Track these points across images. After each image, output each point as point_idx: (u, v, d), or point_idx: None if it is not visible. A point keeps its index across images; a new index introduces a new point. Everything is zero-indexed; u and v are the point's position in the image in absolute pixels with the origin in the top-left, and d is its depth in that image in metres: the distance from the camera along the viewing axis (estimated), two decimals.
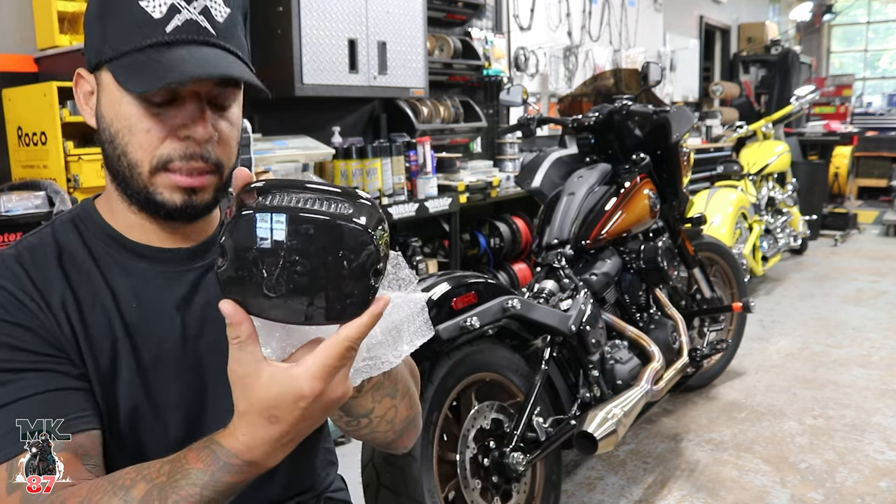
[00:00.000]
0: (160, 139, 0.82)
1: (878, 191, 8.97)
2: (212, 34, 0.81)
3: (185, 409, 0.89)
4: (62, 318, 0.83)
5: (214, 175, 0.86)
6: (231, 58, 0.82)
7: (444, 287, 1.79)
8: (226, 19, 0.83)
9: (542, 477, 2.02)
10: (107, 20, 0.81)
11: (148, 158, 0.82)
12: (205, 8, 0.81)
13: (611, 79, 3.08)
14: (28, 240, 0.89)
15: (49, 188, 2.01)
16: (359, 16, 3.07)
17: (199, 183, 0.84)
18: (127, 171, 0.84)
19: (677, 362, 2.48)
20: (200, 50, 0.80)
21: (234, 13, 0.84)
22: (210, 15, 0.81)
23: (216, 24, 0.81)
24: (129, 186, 0.85)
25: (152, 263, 0.89)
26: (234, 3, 0.84)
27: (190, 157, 0.82)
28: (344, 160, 3.01)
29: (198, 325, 0.90)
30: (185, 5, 0.79)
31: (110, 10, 0.80)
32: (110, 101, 0.83)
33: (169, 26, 0.79)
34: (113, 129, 0.83)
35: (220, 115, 0.85)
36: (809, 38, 11.42)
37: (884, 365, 3.47)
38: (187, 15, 0.79)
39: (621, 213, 2.47)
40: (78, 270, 0.86)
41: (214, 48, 0.81)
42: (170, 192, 0.84)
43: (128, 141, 0.82)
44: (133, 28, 0.79)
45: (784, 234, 5.10)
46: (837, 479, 2.42)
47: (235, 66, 0.81)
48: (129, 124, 0.81)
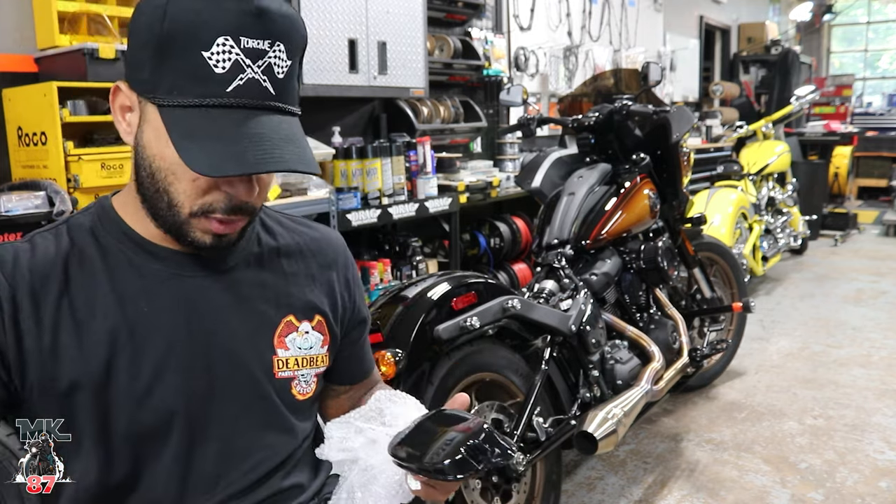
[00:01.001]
0: (205, 190, 0.82)
1: (878, 191, 8.97)
2: (271, 95, 0.79)
3: (191, 413, 0.88)
4: (46, 324, 0.82)
5: (248, 219, 0.87)
6: (288, 125, 0.81)
7: (444, 287, 1.79)
8: (285, 74, 0.80)
9: (542, 477, 2.02)
10: (162, 57, 0.77)
11: (190, 203, 0.82)
12: (268, 66, 0.78)
13: (611, 79, 3.08)
14: (43, 235, 0.88)
15: (49, 188, 2.01)
16: (359, 16, 3.07)
17: (232, 229, 0.86)
18: (165, 206, 0.83)
19: (677, 362, 2.48)
20: (259, 122, 0.78)
21: (293, 63, 0.82)
22: (272, 73, 0.79)
23: (276, 81, 0.79)
24: (161, 217, 0.85)
25: (167, 265, 0.89)
26: (294, 52, 0.81)
27: (232, 211, 0.83)
28: (344, 160, 3.01)
29: (208, 329, 0.90)
30: (251, 64, 0.77)
31: (170, 49, 0.77)
32: (156, 140, 0.80)
33: (230, 87, 0.76)
34: (155, 165, 0.82)
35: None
36: (809, 38, 11.41)
37: (884, 365, 3.47)
38: (250, 74, 0.77)
39: (621, 213, 2.47)
40: (82, 273, 0.86)
41: (272, 113, 0.79)
42: (203, 233, 0.84)
43: (171, 181, 0.81)
44: (192, 78, 0.76)
45: (784, 234, 5.10)
46: (837, 479, 2.42)
47: (290, 147, 0.79)
48: (175, 169, 0.80)
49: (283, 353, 0.95)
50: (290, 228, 1.04)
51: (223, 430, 0.91)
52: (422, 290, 1.78)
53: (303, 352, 0.97)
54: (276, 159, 0.77)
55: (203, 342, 0.89)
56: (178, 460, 0.88)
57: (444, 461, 0.76)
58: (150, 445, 0.87)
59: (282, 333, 0.96)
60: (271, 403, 0.94)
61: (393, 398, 0.91)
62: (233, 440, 0.92)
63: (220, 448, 0.91)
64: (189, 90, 0.76)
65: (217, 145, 0.75)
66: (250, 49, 0.76)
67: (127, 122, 0.85)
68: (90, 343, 0.83)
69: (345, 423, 0.91)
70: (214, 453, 0.90)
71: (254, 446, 0.94)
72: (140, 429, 0.86)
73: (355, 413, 0.91)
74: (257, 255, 0.97)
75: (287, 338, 0.96)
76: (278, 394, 0.95)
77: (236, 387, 0.91)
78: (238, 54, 0.76)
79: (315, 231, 1.07)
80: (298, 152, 0.79)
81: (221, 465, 0.91)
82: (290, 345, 0.96)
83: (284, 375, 0.95)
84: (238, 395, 0.92)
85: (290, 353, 0.96)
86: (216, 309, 0.90)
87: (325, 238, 1.07)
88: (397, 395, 0.95)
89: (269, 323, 0.95)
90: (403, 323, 1.70)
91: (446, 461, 0.76)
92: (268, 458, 0.95)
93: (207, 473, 0.90)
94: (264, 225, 1.01)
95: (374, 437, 0.87)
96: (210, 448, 0.90)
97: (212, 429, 0.90)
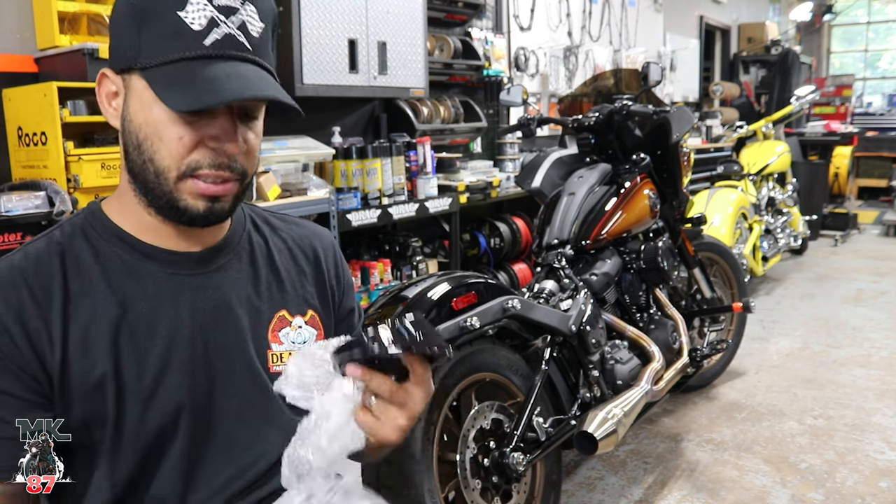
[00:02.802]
0: (190, 147, 0.82)
1: (878, 191, 8.97)
2: (248, 49, 0.82)
3: (196, 410, 0.89)
4: (56, 335, 0.83)
5: (237, 183, 0.87)
6: (266, 76, 0.83)
7: (444, 287, 1.79)
8: (260, 34, 0.84)
9: (543, 477, 2.02)
10: (141, 26, 0.80)
11: (176, 165, 0.83)
12: (242, 23, 0.82)
13: (611, 79, 3.08)
14: (35, 245, 0.88)
15: (49, 188, 2.01)
16: (359, 16, 3.07)
17: (224, 191, 0.85)
18: (152, 177, 0.84)
19: (677, 362, 2.48)
20: (238, 67, 0.81)
21: (267, 28, 0.85)
22: (247, 30, 0.82)
23: (252, 39, 0.82)
24: (151, 191, 0.85)
25: (162, 265, 0.89)
26: (267, 19, 0.85)
27: (219, 167, 0.84)
28: (344, 160, 3.01)
29: (207, 328, 0.90)
30: (224, 19, 0.80)
31: (146, 17, 0.80)
32: (140, 107, 0.82)
33: (208, 40, 0.79)
34: (141, 134, 0.83)
35: (248, 125, 0.86)
36: (809, 38, 11.42)
37: (884, 365, 3.47)
38: (226, 29, 0.80)
39: (621, 213, 2.47)
40: (80, 278, 0.86)
41: (250, 64, 0.82)
42: (193, 198, 0.84)
43: (157, 148, 0.82)
44: (171, 38, 0.79)
45: (784, 234, 5.10)
46: (837, 480, 2.41)
47: (272, 87, 0.82)
48: (159, 131, 0.82)
49: (277, 347, 0.96)
50: (278, 226, 1.05)
51: (227, 425, 0.92)
52: (422, 290, 1.78)
53: (296, 346, 0.98)
54: (255, 88, 0.80)
55: (201, 339, 0.90)
56: (184, 457, 0.89)
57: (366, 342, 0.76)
58: (157, 444, 0.87)
59: (275, 328, 0.97)
60: (270, 398, 0.94)
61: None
62: (236, 436, 0.92)
63: (224, 445, 0.92)
64: (169, 47, 0.79)
65: (196, 86, 0.78)
66: (223, 6, 0.80)
67: (114, 107, 0.87)
68: (95, 348, 0.84)
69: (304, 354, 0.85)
70: (218, 450, 0.91)
71: (256, 443, 0.94)
72: (148, 428, 0.86)
73: (320, 342, 0.86)
74: (248, 253, 0.98)
75: (280, 332, 0.97)
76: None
77: (236, 382, 0.92)
78: (212, 11, 0.79)
79: (303, 228, 1.08)
80: (277, 90, 0.82)
81: (225, 462, 0.92)
82: (284, 339, 0.97)
83: (280, 370, 0.95)
84: (239, 391, 0.93)
85: (284, 347, 0.97)
86: (211, 306, 0.91)
87: (314, 234, 1.08)
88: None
89: (262, 318, 0.96)
90: None
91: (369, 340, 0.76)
92: (269, 455, 0.95)
93: (212, 471, 0.91)
94: (254, 223, 1.02)
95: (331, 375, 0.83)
96: (214, 445, 0.91)
97: (216, 425, 0.91)
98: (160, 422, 0.87)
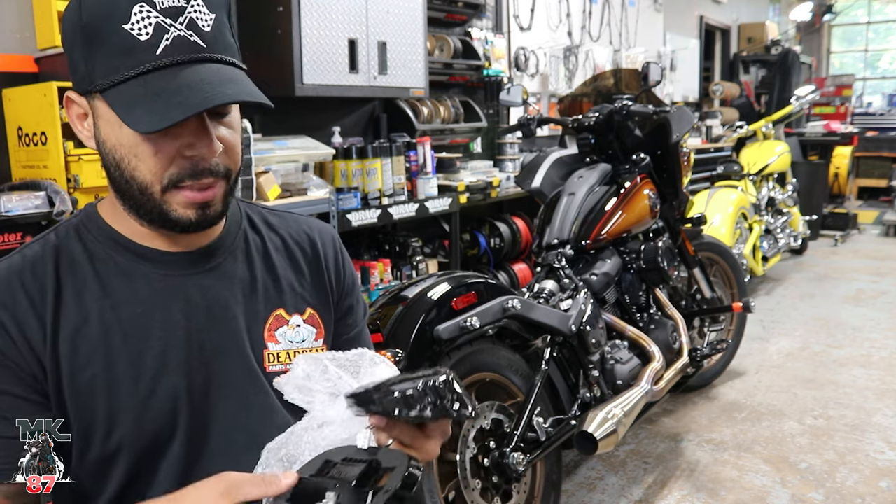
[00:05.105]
0: (168, 160, 0.81)
1: (878, 191, 8.97)
2: (202, 47, 0.79)
3: (193, 411, 0.89)
4: (48, 333, 0.83)
5: (223, 183, 0.86)
6: (228, 71, 0.81)
7: (444, 287, 1.79)
8: (212, 26, 0.81)
9: (543, 477, 2.02)
10: (91, 46, 0.79)
11: (158, 179, 0.82)
12: (190, 21, 0.78)
13: (611, 79, 3.08)
14: (32, 247, 0.88)
15: (49, 188, 2.01)
16: (359, 16, 3.06)
17: (211, 196, 0.85)
18: (138, 194, 0.83)
19: (677, 362, 2.48)
20: (197, 71, 0.78)
21: (219, 15, 0.82)
22: (197, 27, 0.79)
23: (204, 34, 0.79)
24: (142, 206, 0.84)
25: (156, 266, 0.89)
26: (216, 5, 0.82)
27: (200, 174, 0.82)
28: (344, 160, 3.01)
29: (202, 329, 0.90)
30: (172, 22, 0.77)
31: (94, 37, 0.78)
32: (110, 128, 0.81)
33: (158, 49, 0.77)
34: (117, 154, 0.82)
35: (221, 122, 0.84)
36: (809, 38, 11.42)
37: (884, 365, 3.47)
38: (175, 32, 0.77)
39: (621, 213, 2.47)
40: (74, 279, 0.86)
41: (208, 63, 0.80)
42: (183, 208, 0.84)
43: (135, 165, 0.81)
44: (122, 54, 0.77)
45: (784, 234, 5.10)
46: (837, 479, 2.41)
47: (235, 85, 0.79)
48: (134, 149, 0.81)
49: (273, 346, 0.95)
50: (276, 224, 1.03)
51: (224, 426, 0.91)
52: (422, 290, 1.78)
53: (295, 345, 0.96)
54: (220, 94, 0.77)
55: (197, 340, 0.89)
56: (181, 459, 0.88)
57: (393, 395, 0.73)
58: (154, 446, 0.87)
59: (271, 327, 0.96)
60: (267, 398, 0.94)
61: (374, 359, 0.87)
62: (233, 437, 0.92)
63: (222, 446, 0.91)
64: (122, 65, 0.77)
65: (158, 103, 0.76)
66: (167, 8, 0.77)
67: (86, 128, 0.86)
68: (85, 349, 0.84)
69: (315, 360, 0.85)
70: (216, 451, 0.91)
71: (253, 444, 0.94)
72: (145, 430, 0.86)
73: (331, 354, 0.86)
74: (244, 252, 0.97)
75: (277, 331, 0.96)
76: (272, 388, 0.95)
77: (233, 382, 0.91)
78: (157, 16, 0.77)
79: (303, 223, 1.06)
80: (242, 88, 0.80)
81: (223, 464, 0.91)
82: (281, 338, 0.96)
83: (276, 369, 0.95)
84: (236, 392, 0.92)
85: (280, 346, 0.96)
86: (207, 306, 0.90)
87: (314, 229, 1.06)
88: (380, 359, 0.91)
89: (258, 317, 0.95)
90: (403, 323, 1.70)
91: (395, 394, 0.73)
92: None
93: (209, 472, 0.90)
94: (251, 221, 1.01)
95: (338, 389, 0.83)
96: (211, 446, 0.90)
97: (213, 426, 0.90)
98: (157, 424, 0.86)
